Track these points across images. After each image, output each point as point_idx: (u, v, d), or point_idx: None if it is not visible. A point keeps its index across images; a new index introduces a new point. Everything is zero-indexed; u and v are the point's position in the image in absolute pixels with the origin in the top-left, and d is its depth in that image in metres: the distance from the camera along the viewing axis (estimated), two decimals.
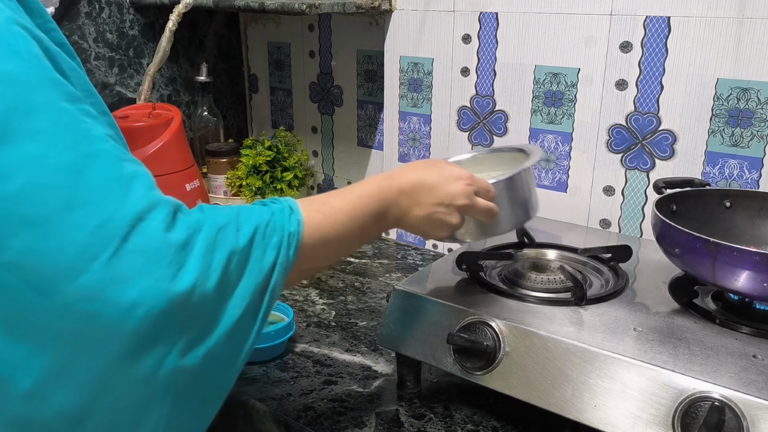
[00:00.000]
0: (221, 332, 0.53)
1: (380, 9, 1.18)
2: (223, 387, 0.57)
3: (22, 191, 0.45)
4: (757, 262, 0.64)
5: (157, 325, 0.48)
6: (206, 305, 0.51)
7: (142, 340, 0.48)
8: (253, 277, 0.54)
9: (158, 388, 0.51)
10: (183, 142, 1.19)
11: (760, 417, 0.56)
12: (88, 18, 1.29)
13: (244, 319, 0.54)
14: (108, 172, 0.49)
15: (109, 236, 0.46)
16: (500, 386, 0.70)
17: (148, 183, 0.51)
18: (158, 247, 0.48)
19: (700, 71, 0.92)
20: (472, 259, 0.82)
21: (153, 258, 0.48)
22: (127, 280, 0.47)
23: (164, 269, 0.48)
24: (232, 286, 0.53)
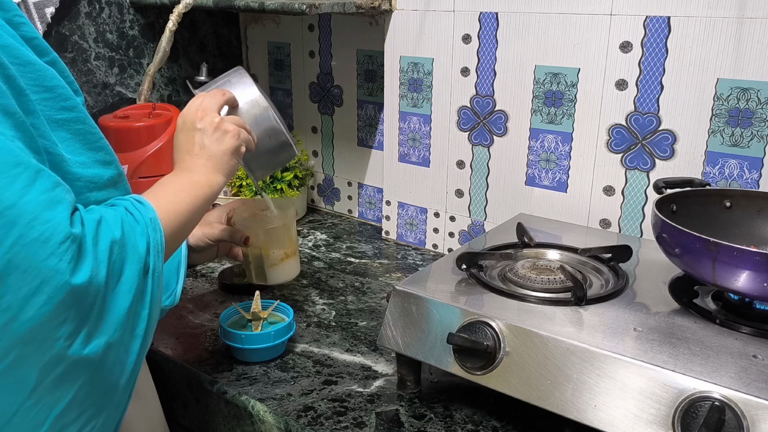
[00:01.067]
0: (116, 320, 0.57)
1: (380, 9, 1.18)
2: (124, 373, 0.60)
3: None
4: (757, 262, 0.64)
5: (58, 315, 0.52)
6: (99, 296, 0.56)
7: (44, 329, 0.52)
8: (134, 263, 0.59)
9: (63, 378, 0.54)
10: None
11: (760, 417, 0.56)
12: (88, 18, 1.29)
13: (134, 304, 0.59)
14: (12, 155, 0.52)
15: (10, 223, 0.50)
16: (500, 386, 0.70)
17: (52, 181, 0.55)
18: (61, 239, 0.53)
19: (700, 71, 0.92)
20: (472, 259, 0.82)
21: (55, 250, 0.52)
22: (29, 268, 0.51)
23: (65, 263, 0.53)
24: (117, 274, 0.58)
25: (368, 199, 1.43)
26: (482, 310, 0.73)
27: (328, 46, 1.40)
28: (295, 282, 1.12)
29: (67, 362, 0.54)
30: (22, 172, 0.52)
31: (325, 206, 1.52)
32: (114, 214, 0.60)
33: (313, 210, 1.52)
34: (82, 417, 0.57)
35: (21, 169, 0.52)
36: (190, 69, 1.49)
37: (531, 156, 1.10)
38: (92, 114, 1.32)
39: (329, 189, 1.50)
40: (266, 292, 1.08)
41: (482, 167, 1.16)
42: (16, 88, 0.56)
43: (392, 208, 1.32)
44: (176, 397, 0.90)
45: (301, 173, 1.39)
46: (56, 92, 0.61)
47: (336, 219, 1.46)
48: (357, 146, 1.42)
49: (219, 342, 0.93)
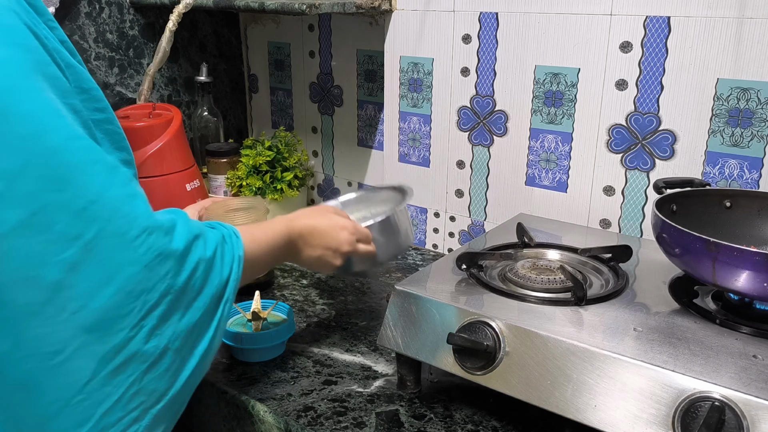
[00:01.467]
0: (181, 329, 0.60)
1: (380, 9, 1.18)
2: (174, 385, 0.61)
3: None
4: (757, 262, 0.64)
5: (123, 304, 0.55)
6: (170, 299, 0.58)
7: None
8: (213, 286, 0.63)
9: (117, 372, 0.56)
10: (183, 142, 1.19)
11: (760, 417, 0.56)
12: (88, 18, 1.29)
13: (201, 323, 0.62)
14: (92, 152, 0.55)
15: (93, 218, 0.53)
16: (500, 386, 0.70)
17: (126, 176, 0.58)
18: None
19: (700, 71, 0.92)
20: (472, 259, 0.82)
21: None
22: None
23: (139, 254, 0.56)
24: (195, 290, 0.61)
25: None
26: (482, 310, 0.73)
27: (328, 46, 1.40)
28: (295, 282, 1.12)
29: (125, 354, 0.55)
30: (102, 168, 0.55)
31: None
32: (213, 236, 0.64)
33: None
34: (125, 420, 0.57)
35: (100, 166, 0.55)
36: (190, 69, 1.49)
37: (531, 156, 1.10)
38: None
39: (329, 189, 1.50)
40: (266, 293, 1.08)
41: (482, 167, 1.16)
42: (74, 89, 0.59)
43: None
44: None
45: (301, 173, 1.39)
46: (92, 93, 0.62)
47: None
48: (357, 146, 1.42)
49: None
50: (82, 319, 0.53)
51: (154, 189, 1.09)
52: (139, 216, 0.56)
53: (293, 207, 1.40)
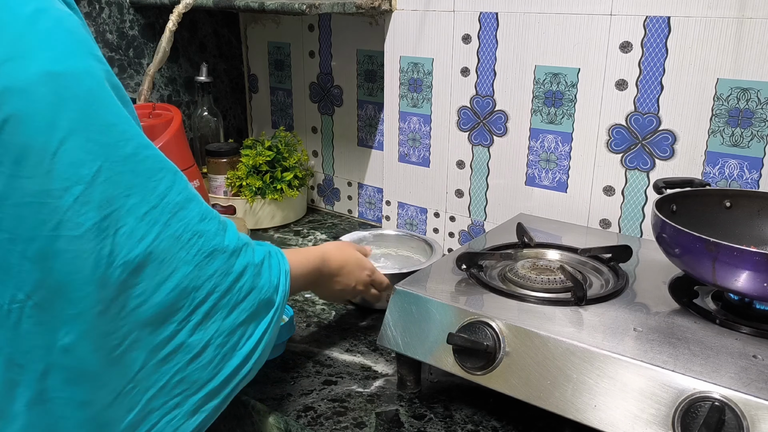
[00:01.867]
0: (225, 326, 0.64)
1: (380, 9, 1.18)
2: (215, 379, 0.65)
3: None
4: (757, 262, 0.64)
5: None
6: (215, 298, 0.63)
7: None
8: (261, 292, 0.67)
9: (164, 362, 0.61)
10: (183, 142, 1.19)
11: (760, 417, 0.56)
12: (88, 18, 1.29)
13: (246, 323, 0.66)
14: (157, 160, 0.60)
15: (154, 221, 0.58)
16: (500, 386, 0.70)
17: (184, 180, 0.63)
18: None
19: (700, 71, 0.92)
20: (472, 259, 0.82)
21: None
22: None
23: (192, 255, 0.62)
24: (241, 292, 0.65)
25: (368, 199, 1.43)
26: (482, 310, 0.73)
27: (328, 46, 1.40)
28: None
29: (172, 346, 0.60)
30: (165, 175, 0.59)
31: (325, 206, 1.52)
32: (261, 249, 0.69)
33: (313, 210, 1.52)
34: (168, 404, 0.61)
35: (164, 173, 0.59)
36: (190, 69, 1.49)
37: (531, 156, 1.10)
38: None
39: (329, 189, 1.50)
40: None
41: (482, 167, 1.16)
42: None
43: (392, 208, 1.32)
44: None
45: (301, 173, 1.39)
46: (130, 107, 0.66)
47: (336, 219, 1.46)
48: (357, 146, 1.42)
49: None
50: (140, 315, 0.57)
51: None
52: (193, 219, 0.61)
53: (293, 207, 1.41)
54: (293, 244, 1.29)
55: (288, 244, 1.29)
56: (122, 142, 0.56)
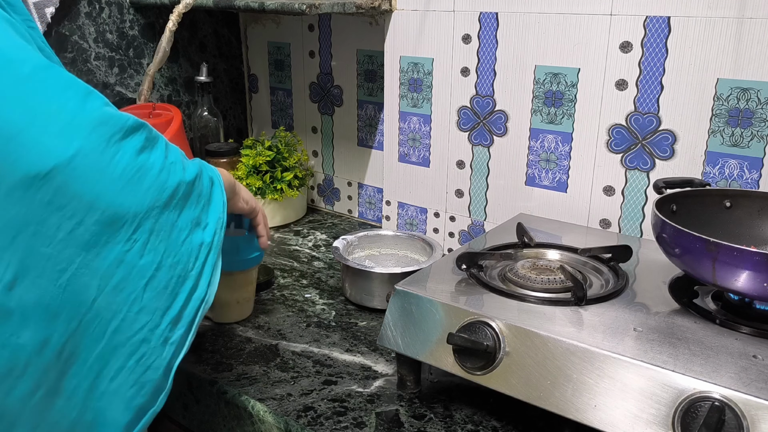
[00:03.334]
0: (172, 244, 0.65)
1: (380, 9, 1.18)
2: (171, 306, 0.66)
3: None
4: (757, 262, 0.64)
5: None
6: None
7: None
8: (197, 204, 0.69)
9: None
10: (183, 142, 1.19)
11: (760, 417, 0.56)
12: (88, 18, 1.29)
13: (189, 242, 0.67)
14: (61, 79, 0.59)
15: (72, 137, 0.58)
16: (500, 386, 0.70)
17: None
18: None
19: (700, 71, 0.92)
20: (472, 259, 0.82)
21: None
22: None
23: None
24: (179, 209, 0.66)
25: (368, 199, 1.43)
26: (482, 310, 0.73)
27: (328, 46, 1.40)
28: (295, 282, 1.12)
29: (123, 269, 0.61)
30: (75, 93, 0.59)
31: (325, 206, 1.52)
32: (193, 166, 0.69)
33: (313, 210, 1.52)
34: (133, 340, 0.62)
35: (72, 91, 0.59)
36: (190, 69, 1.49)
37: (531, 156, 1.10)
38: None
39: (329, 189, 1.50)
40: (266, 292, 1.08)
41: (482, 167, 1.16)
42: None
43: (392, 208, 1.32)
44: (176, 397, 0.90)
45: (301, 173, 1.39)
46: (34, 33, 0.65)
47: (336, 219, 1.46)
48: (357, 146, 1.42)
49: (219, 342, 0.93)
50: (79, 236, 0.57)
51: None
52: (115, 134, 0.59)
53: (293, 207, 1.41)
54: (293, 245, 1.30)
55: (288, 245, 1.29)
56: (17, 63, 0.55)
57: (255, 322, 0.99)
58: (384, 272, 1.00)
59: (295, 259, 1.22)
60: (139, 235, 0.61)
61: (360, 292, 1.02)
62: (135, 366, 0.62)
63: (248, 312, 1.00)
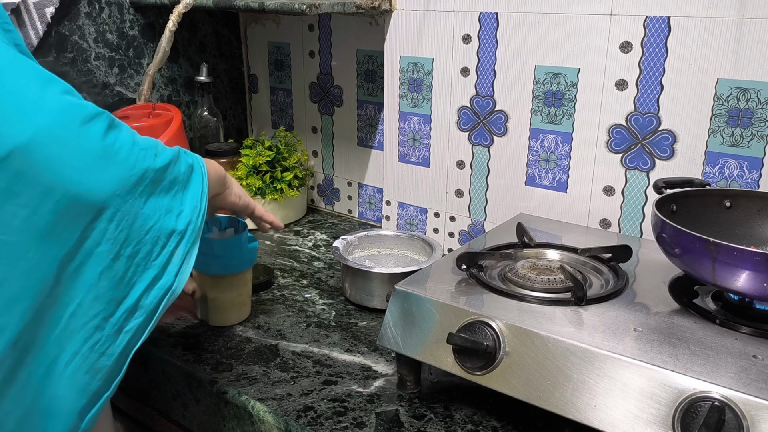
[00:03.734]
0: (134, 232, 0.65)
1: (380, 9, 1.18)
2: (127, 296, 0.65)
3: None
4: (757, 262, 0.64)
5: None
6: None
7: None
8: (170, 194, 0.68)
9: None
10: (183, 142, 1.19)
11: (760, 417, 0.56)
12: (88, 18, 1.29)
13: (154, 231, 0.66)
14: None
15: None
16: (500, 386, 0.70)
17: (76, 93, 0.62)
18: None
19: (700, 71, 0.92)
20: (472, 259, 0.82)
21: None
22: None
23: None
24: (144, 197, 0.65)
25: (368, 199, 1.43)
26: (482, 310, 0.73)
27: (328, 46, 1.40)
28: (295, 282, 1.12)
29: (81, 255, 0.61)
30: (33, 79, 0.58)
31: (325, 206, 1.52)
32: (167, 152, 0.69)
33: (313, 210, 1.52)
34: (88, 326, 0.62)
35: (29, 77, 0.58)
36: (190, 69, 1.49)
37: (531, 156, 1.10)
38: None
39: (329, 189, 1.50)
40: (266, 292, 1.08)
41: (482, 167, 1.16)
42: None
43: (392, 208, 1.32)
44: (176, 397, 0.90)
45: (301, 173, 1.39)
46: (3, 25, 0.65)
47: (336, 219, 1.46)
48: (357, 146, 1.42)
49: (219, 342, 0.93)
50: (35, 225, 0.56)
51: None
52: (74, 120, 0.58)
53: (293, 207, 1.40)
54: (293, 245, 1.29)
55: (288, 245, 1.29)
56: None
57: (255, 322, 0.99)
58: (384, 272, 1.00)
59: (295, 259, 1.22)
60: (99, 223, 0.60)
61: (360, 292, 1.02)
62: (89, 353, 0.62)
63: (245, 314, 1.00)
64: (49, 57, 1.24)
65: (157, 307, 0.67)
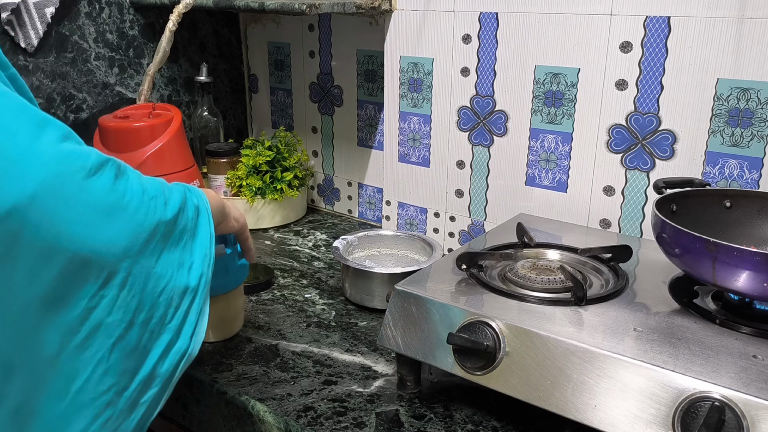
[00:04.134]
0: (146, 298, 0.59)
1: (380, 9, 1.18)
2: (141, 366, 0.60)
3: None
4: (757, 262, 0.64)
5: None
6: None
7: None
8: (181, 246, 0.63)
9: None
10: (183, 142, 1.19)
11: (760, 417, 0.56)
12: (88, 18, 1.29)
13: (167, 295, 0.61)
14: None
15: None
16: (500, 386, 0.70)
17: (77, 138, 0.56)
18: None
19: (700, 71, 0.92)
20: (472, 259, 0.82)
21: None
22: None
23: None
24: (157, 253, 0.59)
25: (368, 199, 1.43)
26: (482, 310, 0.73)
27: (328, 46, 1.40)
28: (295, 282, 1.12)
29: (89, 326, 0.55)
30: (25, 121, 0.53)
31: (325, 206, 1.52)
32: (175, 197, 0.63)
33: (313, 210, 1.52)
34: (98, 402, 0.57)
35: (23, 119, 0.52)
36: (190, 69, 1.49)
37: (531, 156, 1.10)
38: (92, 114, 1.32)
39: (329, 189, 1.50)
40: (266, 292, 1.08)
41: (482, 167, 1.16)
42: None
43: (392, 208, 1.32)
44: (176, 397, 0.90)
45: (301, 173, 1.39)
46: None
47: (336, 219, 1.46)
48: (357, 146, 1.42)
49: (219, 342, 0.93)
50: (37, 289, 0.50)
51: None
52: (79, 171, 0.52)
53: (293, 207, 1.40)
54: (293, 245, 1.29)
55: (288, 245, 1.29)
56: None
57: (255, 322, 0.99)
58: (384, 272, 1.00)
59: (295, 259, 1.22)
60: (108, 290, 0.54)
61: (360, 292, 1.02)
62: (100, 429, 0.56)
63: (238, 327, 0.96)
64: (49, 57, 1.24)
65: (173, 373, 0.61)
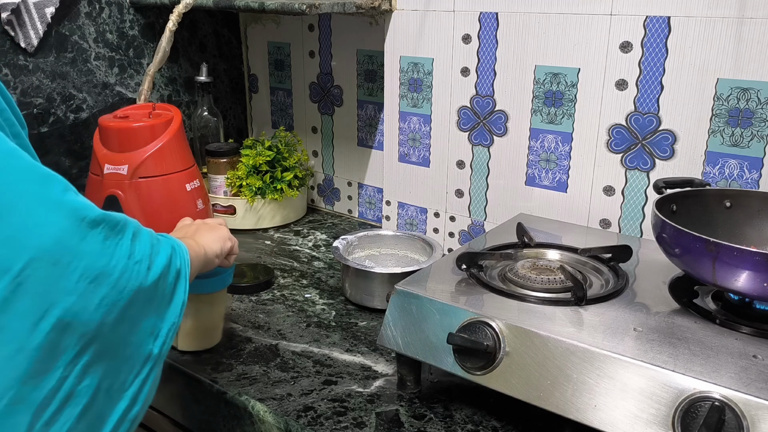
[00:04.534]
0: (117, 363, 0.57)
1: (380, 9, 1.18)
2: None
3: None
4: (757, 262, 0.64)
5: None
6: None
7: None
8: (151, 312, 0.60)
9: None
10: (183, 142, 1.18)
11: (760, 417, 0.56)
12: (88, 18, 1.29)
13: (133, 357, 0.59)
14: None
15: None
16: (500, 386, 0.70)
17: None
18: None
19: (700, 71, 0.92)
20: (472, 259, 0.82)
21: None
22: None
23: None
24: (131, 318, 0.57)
25: (368, 199, 1.43)
26: (482, 310, 0.73)
27: (328, 46, 1.40)
28: (295, 282, 1.12)
29: (59, 398, 0.53)
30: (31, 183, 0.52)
31: (325, 206, 1.52)
32: (158, 264, 0.60)
33: (313, 210, 1.52)
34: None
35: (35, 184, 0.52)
36: (190, 69, 1.49)
37: (531, 156, 1.10)
38: (92, 114, 1.32)
39: (329, 189, 1.50)
40: (266, 292, 1.08)
41: (482, 167, 1.16)
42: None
43: (392, 208, 1.32)
44: (176, 397, 0.90)
45: (301, 173, 1.39)
46: (4, 115, 0.57)
47: (336, 219, 1.46)
48: (357, 146, 1.42)
49: (218, 342, 0.93)
50: (18, 365, 0.49)
51: (154, 189, 1.08)
52: (72, 237, 0.51)
53: (293, 207, 1.41)
54: (293, 245, 1.29)
55: (288, 244, 1.29)
56: None
57: (255, 322, 0.99)
58: (384, 272, 1.00)
59: (295, 259, 1.22)
60: (82, 357, 0.52)
61: (360, 292, 1.02)
62: None
63: (216, 340, 0.91)
64: (49, 57, 1.24)
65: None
